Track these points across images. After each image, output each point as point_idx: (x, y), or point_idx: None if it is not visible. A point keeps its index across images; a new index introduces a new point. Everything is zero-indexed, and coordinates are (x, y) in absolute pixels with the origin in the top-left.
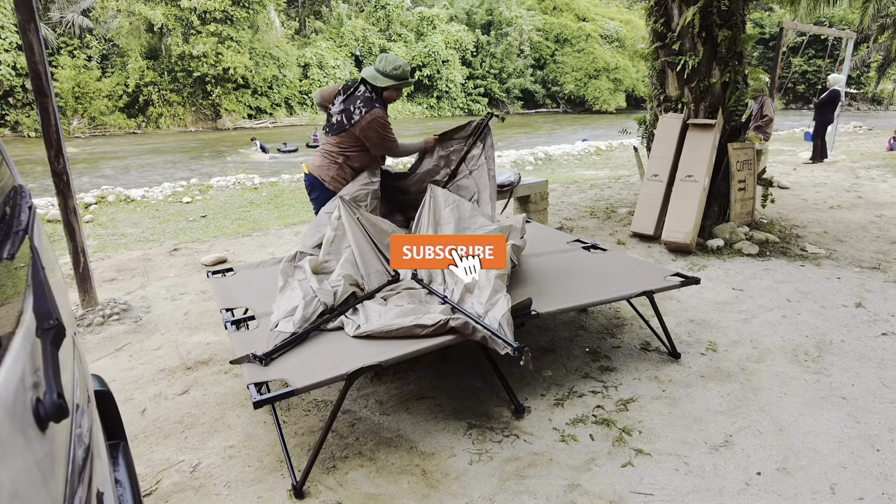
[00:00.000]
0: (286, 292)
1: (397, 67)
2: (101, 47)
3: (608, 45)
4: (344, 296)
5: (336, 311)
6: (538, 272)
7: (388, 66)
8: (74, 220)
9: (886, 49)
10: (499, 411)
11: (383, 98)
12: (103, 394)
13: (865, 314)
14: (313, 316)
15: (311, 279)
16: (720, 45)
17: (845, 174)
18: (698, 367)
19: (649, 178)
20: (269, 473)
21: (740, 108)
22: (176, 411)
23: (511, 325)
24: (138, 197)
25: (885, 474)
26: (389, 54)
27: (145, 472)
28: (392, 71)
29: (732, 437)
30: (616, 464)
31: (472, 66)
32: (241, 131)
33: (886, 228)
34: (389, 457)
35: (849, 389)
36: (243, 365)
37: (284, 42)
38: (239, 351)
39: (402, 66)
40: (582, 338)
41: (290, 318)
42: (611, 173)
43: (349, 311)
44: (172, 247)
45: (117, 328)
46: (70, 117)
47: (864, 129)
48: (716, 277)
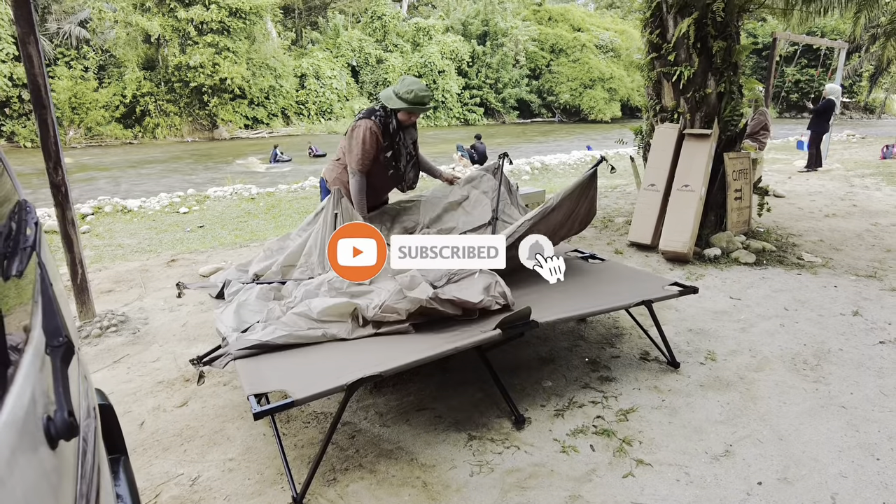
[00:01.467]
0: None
1: (410, 91)
2: (98, 58)
3: (603, 56)
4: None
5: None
6: (537, 282)
7: (402, 89)
8: (73, 232)
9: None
10: (499, 422)
11: (398, 118)
12: (104, 407)
13: (863, 322)
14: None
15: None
16: (715, 55)
17: (840, 182)
18: (697, 376)
19: (646, 187)
20: (269, 486)
21: (736, 117)
22: (175, 424)
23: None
24: (135, 207)
25: (886, 483)
26: (410, 77)
27: (144, 485)
28: (405, 94)
29: (733, 446)
30: (617, 474)
31: (467, 76)
32: (237, 141)
33: (881, 237)
34: (390, 469)
35: (847, 398)
36: (241, 377)
37: (281, 52)
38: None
39: (417, 91)
40: (581, 348)
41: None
42: (608, 182)
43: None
44: (170, 257)
45: (115, 340)
46: (67, 127)
47: (857, 137)
48: (713, 286)
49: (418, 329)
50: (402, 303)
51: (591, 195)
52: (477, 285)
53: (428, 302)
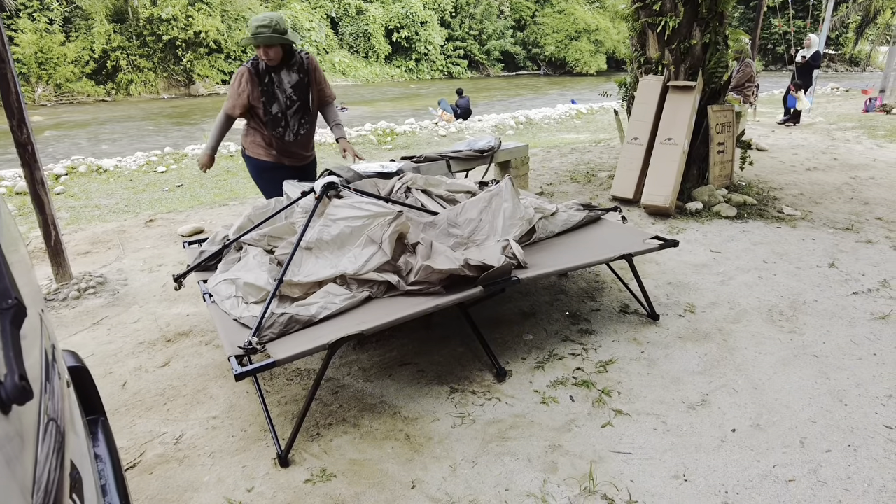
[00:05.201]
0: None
1: (251, 25)
2: (63, 9)
3: (589, 6)
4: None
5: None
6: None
7: (251, 23)
8: (43, 192)
9: (865, 9)
10: (481, 375)
11: (262, 59)
12: (78, 369)
13: (838, 274)
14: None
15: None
16: (701, 5)
17: (822, 136)
18: (676, 328)
19: (629, 141)
20: (253, 443)
21: (720, 69)
22: (157, 384)
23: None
24: (111, 167)
25: (852, 427)
26: (264, 12)
27: (128, 444)
28: (251, 27)
29: (709, 396)
30: (596, 424)
31: (451, 27)
32: (215, 97)
33: (860, 190)
34: (373, 423)
35: (820, 347)
36: (222, 337)
37: (257, 4)
38: (219, 326)
39: (254, 24)
40: (562, 301)
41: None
42: (591, 137)
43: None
44: (148, 218)
45: (94, 302)
46: (34, 84)
47: (842, 90)
48: (694, 240)
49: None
50: (433, 275)
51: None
52: (495, 248)
53: (461, 269)
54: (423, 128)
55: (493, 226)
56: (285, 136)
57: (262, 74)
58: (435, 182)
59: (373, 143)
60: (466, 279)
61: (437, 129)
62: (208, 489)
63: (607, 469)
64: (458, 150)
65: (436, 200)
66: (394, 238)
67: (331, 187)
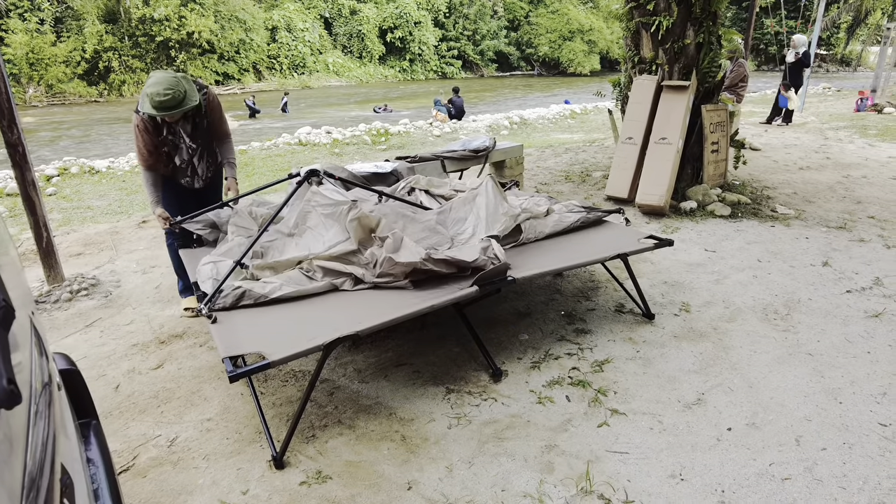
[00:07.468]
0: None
1: (150, 95)
2: (54, 10)
3: (582, 7)
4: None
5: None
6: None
7: (148, 89)
8: (34, 194)
9: (856, 10)
10: (476, 375)
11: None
12: (70, 372)
13: (831, 272)
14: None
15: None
16: (694, 5)
17: (814, 135)
18: (672, 327)
19: (623, 140)
20: (248, 445)
21: (714, 69)
22: (151, 386)
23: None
24: (103, 168)
25: (847, 425)
26: (158, 73)
27: (121, 447)
28: (149, 95)
29: (705, 395)
30: (592, 424)
31: (445, 27)
32: None
33: (852, 188)
34: (369, 424)
35: (815, 346)
36: (216, 339)
37: (250, 4)
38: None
39: (153, 95)
40: (558, 301)
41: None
42: (586, 136)
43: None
44: (141, 219)
45: (86, 304)
46: (25, 85)
47: (833, 90)
48: (689, 239)
49: (398, 287)
50: (396, 268)
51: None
52: (476, 247)
53: (422, 263)
54: (418, 128)
55: (477, 224)
56: (195, 185)
57: (160, 127)
58: (438, 183)
59: (367, 144)
60: (448, 276)
61: (432, 129)
62: (203, 492)
63: (604, 469)
64: (452, 150)
65: (437, 200)
66: (356, 228)
67: (313, 174)
